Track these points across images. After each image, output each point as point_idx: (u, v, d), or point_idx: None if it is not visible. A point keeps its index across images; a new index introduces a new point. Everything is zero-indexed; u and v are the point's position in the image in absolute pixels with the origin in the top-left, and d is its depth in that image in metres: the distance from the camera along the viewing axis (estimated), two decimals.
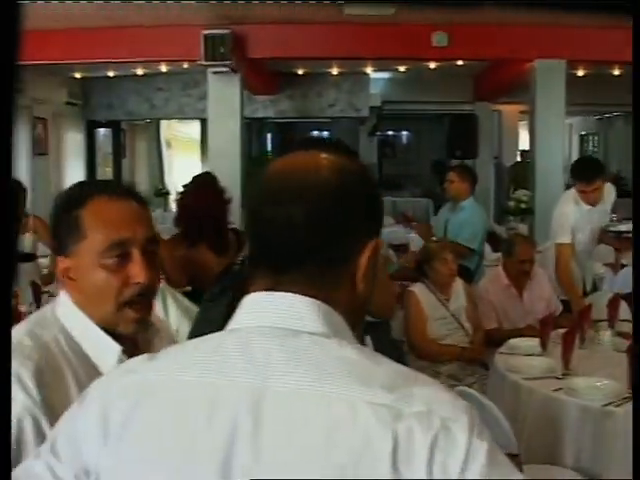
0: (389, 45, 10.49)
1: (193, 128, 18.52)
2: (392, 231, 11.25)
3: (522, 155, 16.06)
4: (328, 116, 15.30)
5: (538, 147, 10.14)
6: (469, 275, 6.39)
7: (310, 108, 14.76)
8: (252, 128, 17.05)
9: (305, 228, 1.26)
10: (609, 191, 6.20)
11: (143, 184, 16.68)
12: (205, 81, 10.92)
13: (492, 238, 8.42)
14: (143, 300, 1.84)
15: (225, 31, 9.29)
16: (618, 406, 3.92)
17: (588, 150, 21.82)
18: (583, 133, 22.14)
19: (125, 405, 1.27)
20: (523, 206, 9.44)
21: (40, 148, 12.76)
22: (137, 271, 1.80)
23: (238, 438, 1.19)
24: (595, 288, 6.53)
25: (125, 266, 1.81)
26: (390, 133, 21.67)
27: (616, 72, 13.42)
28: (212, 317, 2.32)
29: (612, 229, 6.37)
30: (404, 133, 22.31)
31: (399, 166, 20.50)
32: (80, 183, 1.97)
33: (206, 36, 9.26)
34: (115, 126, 15.80)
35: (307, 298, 1.27)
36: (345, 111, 14.80)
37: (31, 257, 6.82)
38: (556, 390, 4.15)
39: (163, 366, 1.31)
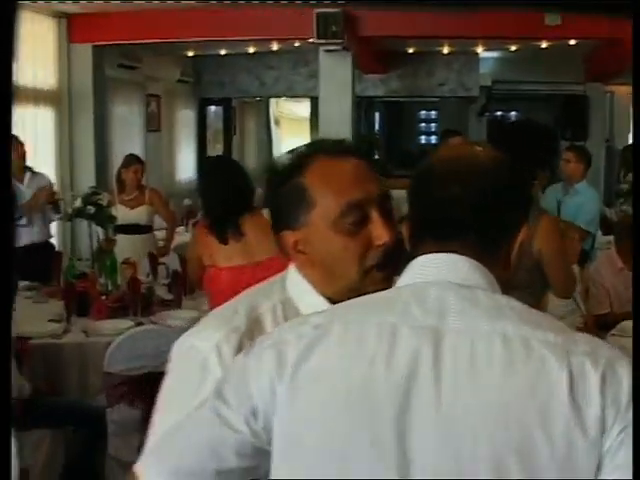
0: (501, 24, 10.38)
1: (301, 107, 18.63)
2: None
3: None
4: (438, 95, 15.21)
5: None
6: (585, 258, 6.36)
7: (420, 87, 14.71)
8: (361, 107, 17.07)
9: (470, 208, 1.42)
10: None
11: (252, 162, 16.90)
12: (315, 59, 10.99)
13: (603, 221, 8.31)
14: (389, 261, 1.66)
15: (337, 9, 9.33)
16: None
17: None
18: None
19: (302, 345, 1.36)
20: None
21: (153, 124, 13.05)
22: (379, 232, 1.65)
23: (419, 374, 1.29)
24: None
25: (364, 229, 1.65)
26: (499, 113, 21.39)
27: None
28: None
29: None
30: (512, 113, 21.98)
31: (508, 147, 20.22)
32: (292, 151, 1.77)
33: (318, 14, 9.31)
34: (226, 103, 16.01)
35: (471, 259, 1.42)
36: (455, 91, 14.72)
37: (148, 229, 7.04)
38: None
39: (340, 312, 1.43)
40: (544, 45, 12.34)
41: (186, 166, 14.63)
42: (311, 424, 1.34)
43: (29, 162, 7.06)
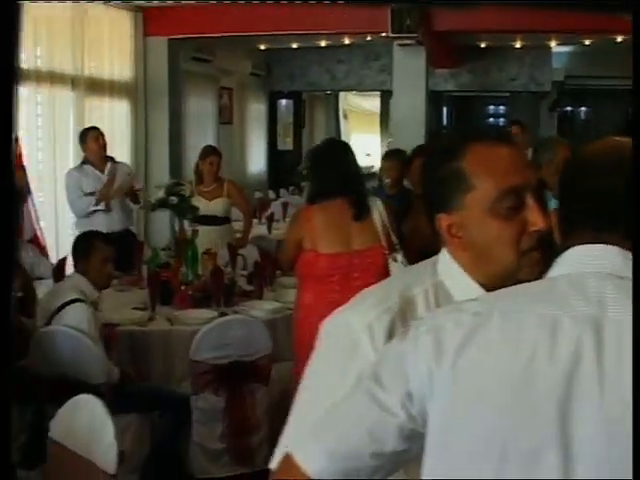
0: (575, 18, 10.28)
1: (370, 101, 18.65)
2: None
3: None
4: (508, 90, 15.13)
5: None
6: None
7: (490, 82, 14.64)
8: (430, 101, 17.05)
9: (625, 198, 1.41)
10: None
11: None
12: (386, 53, 11.00)
13: None
14: (542, 247, 1.67)
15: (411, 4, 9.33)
16: None
17: None
18: None
19: (461, 333, 1.36)
20: None
21: (225, 117, 13.19)
22: (535, 218, 1.66)
23: (581, 364, 1.29)
24: None
25: (520, 214, 1.67)
26: (568, 109, 21.16)
27: None
28: None
29: None
30: (582, 109, 21.73)
31: (577, 142, 20.00)
32: (446, 135, 1.94)
33: (393, 9, 9.30)
34: (296, 97, 16.10)
35: (623, 250, 1.41)
36: (526, 85, 14.60)
37: (225, 220, 7.11)
38: None
39: (498, 302, 1.43)
40: (619, 39, 12.20)
41: (257, 159, 14.76)
42: (470, 413, 1.35)
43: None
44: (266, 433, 4.52)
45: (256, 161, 14.67)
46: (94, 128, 7.15)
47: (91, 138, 6.91)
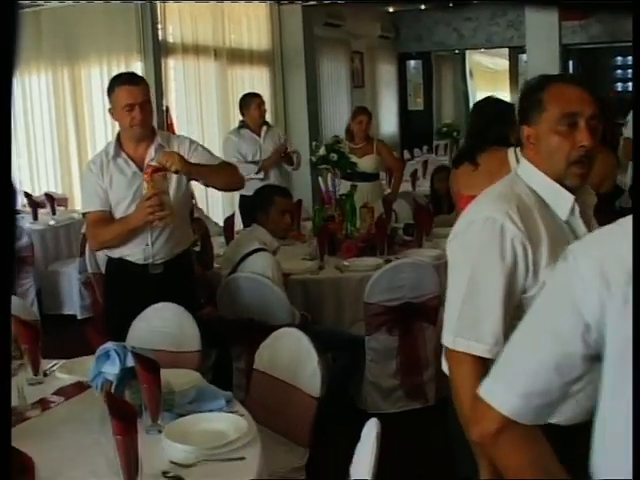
0: None
1: (495, 59, 18.52)
2: None
3: None
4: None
5: None
6: None
7: (621, 31, 14.25)
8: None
9: None
10: None
11: (449, 114, 17.04)
12: (513, 9, 10.96)
13: None
14: (585, 162, 2.27)
15: None
16: None
17: None
18: None
19: (625, 266, 1.45)
20: None
21: (357, 81, 13.42)
22: (582, 136, 2.24)
23: None
24: None
25: (573, 133, 2.25)
26: None
27: None
28: None
29: None
30: None
31: None
32: (539, 77, 2.45)
33: None
34: (425, 57, 16.17)
35: None
36: None
37: (375, 177, 7.38)
38: None
39: None
40: None
41: (389, 120, 14.93)
42: None
43: None
44: (435, 370, 4.74)
45: (388, 122, 14.84)
46: (256, 95, 7.45)
47: (254, 104, 7.22)
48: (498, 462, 1.69)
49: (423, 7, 13.59)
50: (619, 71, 19.20)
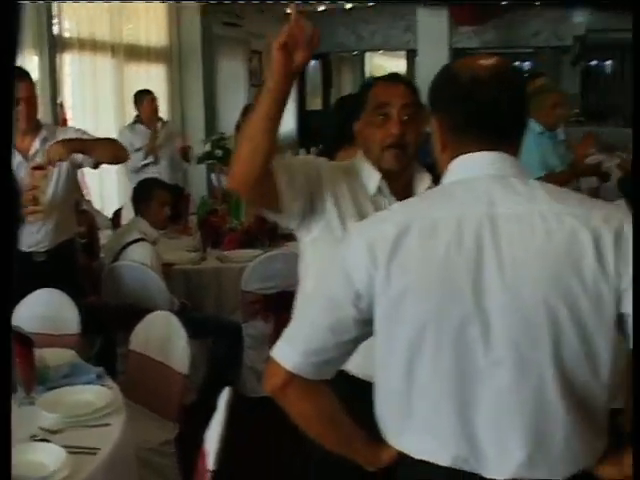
0: None
1: (395, 61, 18.95)
2: (594, 158, 11.41)
3: None
4: (531, 45, 15.35)
5: None
6: None
7: (514, 38, 14.81)
8: (455, 59, 17.28)
9: (509, 110, 1.83)
10: None
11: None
12: (411, 13, 11.30)
13: None
14: (398, 146, 2.55)
15: None
16: None
17: None
18: None
19: (389, 243, 1.75)
20: None
21: (256, 79, 13.61)
22: (392, 126, 2.54)
23: (484, 249, 1.71)
24: None
25: (386, 123, 2.55)
26: (594, 63, 21.24)
27: None
28: None
29: None
30: (608, 63, 21.76)
31: (602, 96, 20.14)
32: (372, 77, 2.85)
33: None
34: (324, 58, 16.47)
35: (507, 155, 1.84)
36: (549, 40, 14.85)
37: None
38: None
39: (410, 210, 1.83)
40: None
41: (286, 119, 15.03)
42: (406, 301, 1.73)
43: None
44: None
45: (286, 121, 14.90)
46: (148, 91, 7.66)
47: (146, 100, 7.45)
48: (289, 412, 1.93)
49: (322, 9, 13.84)
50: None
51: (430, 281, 1.73)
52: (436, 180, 1.99)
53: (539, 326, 1.70)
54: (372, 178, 2.58)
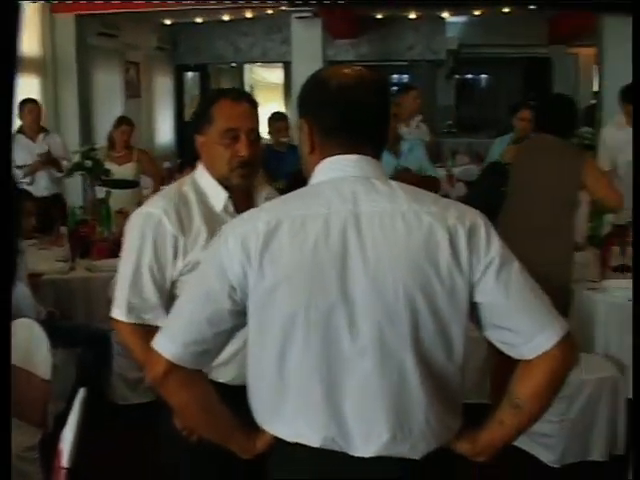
0: None
1: (275, 73, 19.10)
2: (467, 168, 11.81)
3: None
4: (406, 59, 15.68)
5: (605, 89, 10.46)
6: None
7: (389, 51, 15.16)
8: None
9: (374, 115, 1.98)
10: None
11: None
12: (287, 26, 11.43)
13: None
14: (246, 166, 2.65)
15: None
16: None
17: None
18: None
19: (261, 239, 1.86)
20: (586, 142, 9.85)
21: (132, 91, 13.53)
22: (240, 148, 2.63)
23: (349, 245, 1.85)
24: None
25: (235, 144, 2.63)
26: (469, 76, 21.77)
27: None
28: None
29: None
30: (483, 76, 22.33)
31: (477, 109, 20.69)
32: (213, 90, 2.79)
33: None
34: (202, 70, 16.50)
35: (371, 157, 1.98)
36: (423, 54, 15.20)
37: (135, 184, 7.68)
38: (590, 290, 4.82)
39: (280, 208, 1.93)
40: (506, 10, 12.89)
41: (165, 131, 15.13)
42: (277, 293, 1.85)
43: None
44: None
45: (164, 133, 15.04)
46: (31, 100, 7.60)
47: (26, 110, 7.39)
48: (169, 400, 2.03)
49: (199, 20, 13.85)
50: (395, 88, 20.08)
51: (299, 274, 1.85)
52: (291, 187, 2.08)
53: (400, 315, 1.85)
54: (219, 197, 2.69)
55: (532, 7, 12.36)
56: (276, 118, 7.88)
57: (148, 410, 4.99)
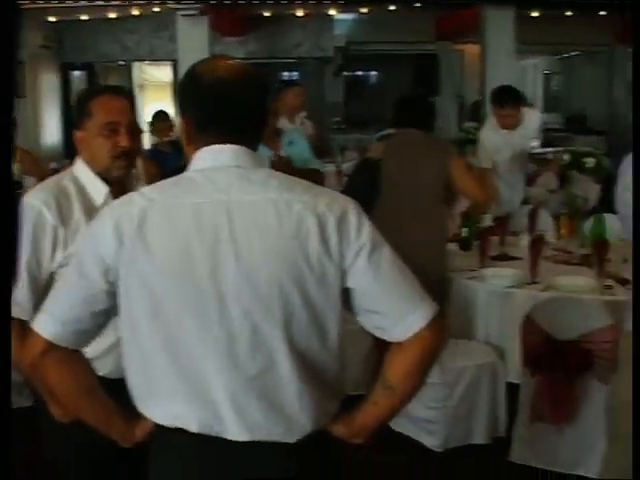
0: None
1: (164, 71, 18.91)
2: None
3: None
4: (294, 56, 15.75)
5: (488, 85, 10.68)
6: None
7: (277, 49, 15.21)
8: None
9: (247, 106, 2.02)
10: (530, 117, 6.85)
11: None
12: (174, 23, 11.37)
13: None
14: (125, 157, 2.78)
15: None
16: (519, 288, 4.71)
17: (551, 89, 22.29)
18: (546, 72, 22.49)
19: (135, 224, 1.90)
20: (470, 137, 10.08)
21: (18, 90, 13.20)
22: (120, 139, 2.75)
23: (221, 235, 1.89)
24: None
25: (115, 136, 2.74)
26: (359, 73, 21.94)
27: (568, 13, 14.03)
28: None
29: (535, 152, 6.98)
30: (372, 73, 22.54)
31: (366, 105, 20.86)
32: (91, 87, 2.84)
33: None
34: (89, 68, 16.21)
35: (244, 147, 2.02)
36: (311, 51, 15.27)
37: (18, 186, 7.51)
38: (470, 278, 4.94)
39: (155, 195, 1.96)
40: (392, 7, 13.05)
41: (51, 130, 14.84)
42: (149, 278, 1.89)
43: None
44: None
45: (50, 133, 14.75)
46: None
47: None
48: (47, 382, 2.06)
49: (85, 18, 13.61)
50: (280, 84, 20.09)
51: (172, 260, 1.89)
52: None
53: (271, 303, 1.90)
54: (99, 191, 2.78)
55: (417, 5, 12.59)
56: (159, 118, 7.85)
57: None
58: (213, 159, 2.00)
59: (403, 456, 4.60)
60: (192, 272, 1.89)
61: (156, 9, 12.32)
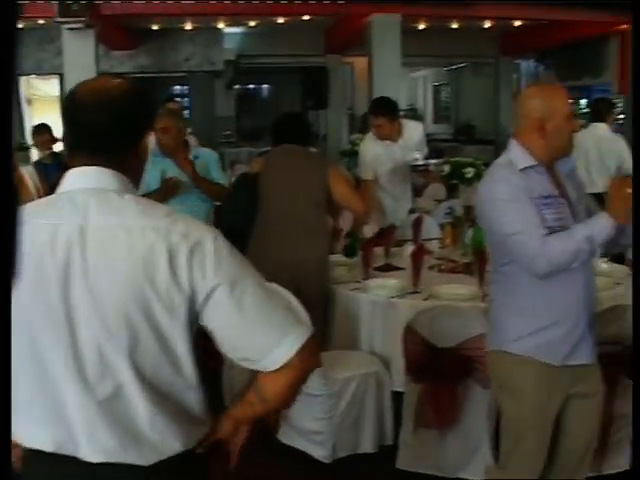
0: (237, 2, 11.07)
1: (52, 85, 18.60)
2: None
3: None
4: (184, 70, 15.71)
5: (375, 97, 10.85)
6: None
7: (167, 62, 15.19)
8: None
9: (106, 129, 1.99)
10: (411, 128, 6.94)
11: None
12: (60, 37, 11.21)
13: None
14: None
15: None
16: (401, 298, 4.79)
17: (441, 100, 22.74)
18: (436, 84, 22.93)
19: None
20: (356, 148, 10.19)
21: None
22: None
23: (73, 257, 1.88)
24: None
25: None
26: (251, 86, 21.99)
27: (454, 25, 14.36)
28: None
29: (417, 164, 7.07)
30: (264, 86, 22.62)
31: (258, 118, 20.92)
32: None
33: None
34: None
35: (109, 169, 1.99)
36: (201, 65, 15.28)
37: None
38: (353, 290, 5.01)
39: (26, 213, 1.89)
40: (281, 20, 13.14)
41: None
42: (19, 294, 1.79)
43: None
44: None
45: None
46: None
47: None
48: None
49: None
50: (178, 99, 20.05)
51: (28, 280, 1.87)
52: None
53: (118, 329, 1.88)
54: None
55: (304, 18, 12.71)
56: (39, 131, 7.84)
57: None
58: (76, 181, 1.99)
59: (291, 467, 4.62)
60: (44, 294, 1.89)
61: (41, 22, 12.08)
